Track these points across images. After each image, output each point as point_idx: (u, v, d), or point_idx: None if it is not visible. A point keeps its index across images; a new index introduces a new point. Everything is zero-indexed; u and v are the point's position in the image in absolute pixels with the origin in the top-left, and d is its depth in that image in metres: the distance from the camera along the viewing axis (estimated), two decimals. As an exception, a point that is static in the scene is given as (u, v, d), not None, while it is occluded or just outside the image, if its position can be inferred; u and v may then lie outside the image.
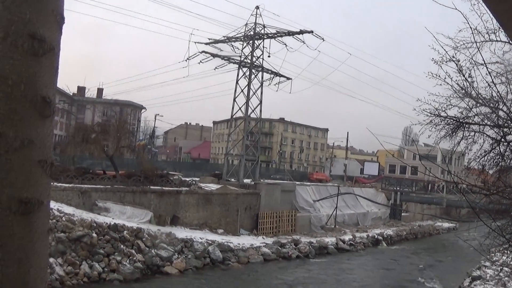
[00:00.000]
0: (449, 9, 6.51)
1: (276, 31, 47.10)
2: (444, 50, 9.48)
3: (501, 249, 12.08)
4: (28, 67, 1.59)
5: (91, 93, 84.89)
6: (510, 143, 9.84)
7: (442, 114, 10.49)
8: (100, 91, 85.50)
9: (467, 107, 10.10)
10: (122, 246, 25.46)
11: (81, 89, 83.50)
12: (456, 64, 9.63)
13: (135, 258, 25.38)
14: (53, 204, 24.94)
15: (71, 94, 78.33)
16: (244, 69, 48.06)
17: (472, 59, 9.46)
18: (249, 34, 47.67)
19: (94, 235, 24.71)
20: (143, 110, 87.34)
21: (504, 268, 17.54)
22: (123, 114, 68.26)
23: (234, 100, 48.06)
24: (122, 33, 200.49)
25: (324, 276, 30.19)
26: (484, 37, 9.15)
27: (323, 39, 46.78)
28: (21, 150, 1.57)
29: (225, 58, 48.96)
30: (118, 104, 77.00)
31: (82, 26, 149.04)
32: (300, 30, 46.09)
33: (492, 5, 1.94)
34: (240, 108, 48.32)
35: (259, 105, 47.89)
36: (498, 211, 9.73)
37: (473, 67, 9.54)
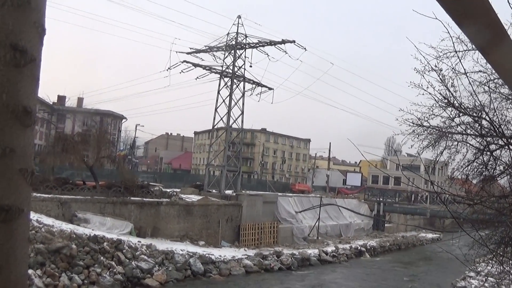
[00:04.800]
0: (430, 18, 6.55)
1: (258, 40, 47.28)
2: (426, 60, 9.58)
3: (485, 259, 12.19)
4: (10, 77, 1.61)
5: (71, 102, 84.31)
6: (493, 153, 9.94)
7: (425, 123, 10.58)
8: (80, 100, 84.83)
9: (450, 116, 10.17)
10: (102, 257, 25.18)
11: (61, 98, 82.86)
12: (438, 74, 9.73)
13: (115, 270, 25.10)
14: (32, 215, 24.45)
15: (51, 103, 77.64)
16: (226, 79, 48.12)
17: (455, 68, 9.56)
18: (230, 43, 47.76)
19: (74, 246, 24.40)
20: (123, 120, 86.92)
21: (488, 278, 17.65)
22: (104, 124, 67.66)
23: (216, 110, 48.03)
24: (102, 42, 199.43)
25: (307, 288, 30.14)
26: (466, 45, 9.24)
27: (305, 48, 47.10)
28: (3, 158, 1.58)
29: (207, 68, 48.97)
30: (98, 113, 76.32)
31: (62, 34, 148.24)
32: (282, 39, 46.31)
33: (445, 3, 1.95)
34: (221, 119, 48.30)
35: (241, 116, 47.92)
36: (482, 221, 9.79)
37: (455, 76, 9.64)
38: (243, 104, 47.88)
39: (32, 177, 1.69)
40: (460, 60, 8.93)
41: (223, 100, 47.73)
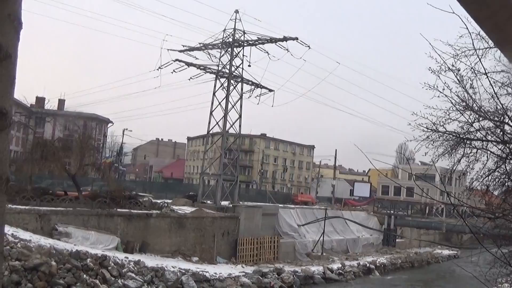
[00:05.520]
0: (447, 13, 6.50)
1: (257, 37, 47.26)
2: (442, 59, 9.53)
3: (508, 279, 12.05)
4: (-17, 75, 1.57)
5: (51, 104, 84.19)
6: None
7: (441, 129, 10.50)
8: (61, 102, 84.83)
9: (468, 121, 10.11)
10: (84, 275, 25.04)
11: (40, 100, 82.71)
12: (456, 74, 9.68)
13: (99, 289, 24.98)
14: (7, 229, 24.51)
15: (29, 106, 77.59)
16: (222, 80, 48.09)
17: (474, 68, 9.50)
18: (227, 41, 47.76)
19: (53, 263, 24.27)
20: (109, 124, 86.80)
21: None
22: (87, 128, 67.58)
23: (211, 113, 48.02)
24: (84, 38, 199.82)
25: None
26: (487, 43, 9.16)
27: (309, 46, 47.06)
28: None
29: (201, 67, 48.95)
30: (81, 117, 76.34)
31: (39, 29, 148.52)
32: (284, 36, 46.31)
33: (473, 12, 1.91)
34: (217, 123, 48.28)
35: (238, 120, 47.90)
36: (504, 236, 9.73)
37: (475, 76, 9.58)
38: (241, 107, 47.90)
39: (7, 185, 1.64)
40: (480, 59, 8.88)
41: (219, 103, 47.72)
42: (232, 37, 47.60)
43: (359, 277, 41.71)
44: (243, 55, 48.04)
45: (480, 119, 9.87)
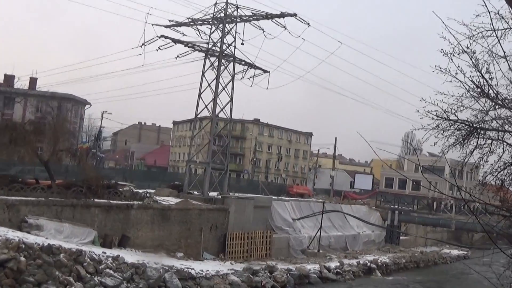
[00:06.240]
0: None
1: (252, 13, 47.03)
2: (456, 39, 9.43)
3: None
4: None
5: (22, 83, 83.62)
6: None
7: (452, 117, 10.42)
8: (33, 81, 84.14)
9: (483, 109, 10.04)
10: (57, 272, 24.90)
11: (9, 78, 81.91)
12: (471, 57, 9.58)
13: (73, 287, 24.89)
14: (-29, 220, 24.43)
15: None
16: (212, 59, 47.83)
17: (491, 50, 9.41)
18: (218, 16, 47.50)
19: (22, 259, 24.12)
20: (87, 106, 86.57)
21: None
22: (62, 110, 67.35)
23: (199, 96, 47.80)
24: (60, 10, 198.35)
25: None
26: (507, 23, 9.08)
27: (308, 24, 46.88)
28: None
29: (189, 45, 48.68)
30: (56, 97, 75.85)
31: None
32: (281, 12, 46.08)
33: None
34: (206, 106, 48.05)
35: (230, 103, 47.73)
36: (521, 236, 9.68)
37: (492, 60, 9.48)
38: (232, 89, 47.72)
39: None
40: (499, 40, 8.80)
41: (209, 84, 47.49)
42: (224, 12, 47.32)
43: (359, 277, 41.76)
44: (235, 32, 47.86)
45: (497, 107, 9.81)
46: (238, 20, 47.59)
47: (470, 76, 9.66)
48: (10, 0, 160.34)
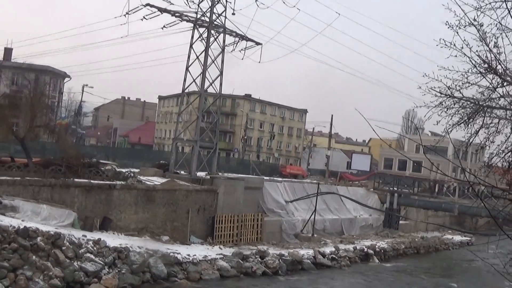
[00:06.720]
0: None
1: (244, -20, 46.72)
2: (463, 10, 9.37)
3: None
4: None
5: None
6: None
7: (457, 94, 10.43)
8: (8, 51, 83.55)
9: (490, 86, 10.02)
10: (34, 257, 24.90)
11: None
12: (478, 30, 9.54)
13: (51, 273, 24.84)
14: None
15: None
16: (201, 30, 47.51)
17: (500, 23, 9.35)
18: (208, -17, 47.16)
19: (-4, 242, 24.16)
20: (66, 79, 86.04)
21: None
22: (40, 83, 66.76)
23: (187, 69, 47.55)
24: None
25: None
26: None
27: (304, -8, 46.60)
28: None
29: (177, 15, 48.24)
30: (33, 69, 75.21)
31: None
32: (275, -21, 45.81)
33: None
34: (194, 80, 47.85)
35: (219, 77, 47.50)
36: (528, 222, 9.72)
37: (500, 33, 9.44)
38: (222, 62, 47.46)
39: None
40: (509, 12, 8.73)
41: (197, 57, 47.23)
42: (213, -22, 46.98)
43: (355, 264, 41.91)
44: (226, 1, 47.52)
45: (505, 84, 9.79)
46: (229, -13, 47.24)
47: (476, 50, 9.64)
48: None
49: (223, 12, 47.26)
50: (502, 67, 9.60)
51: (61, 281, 24.96)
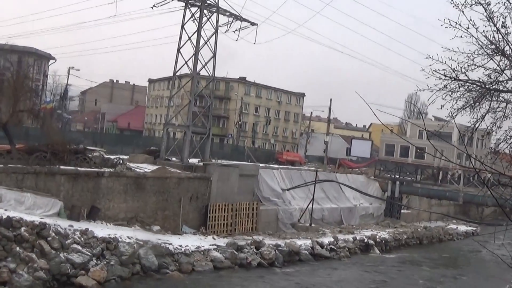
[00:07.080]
0: None
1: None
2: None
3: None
4: None
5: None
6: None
7: (462, 77, 10.39)
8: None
9: (498, 68, 9.98)
10: (18, 248, 24.88)
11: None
12: (485, 9, 9.49)
13: (36, 265, 24.83)
14: None
15: None
16: (193, 9, 47.36)
17: (509, 1, 9.32)
18: (201, -41, 46.96)
19: (-22, 233, 24.15)
20: (51, 61, 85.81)
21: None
22: (23, 65, 66.65)
23: (178, 51, 47.43)
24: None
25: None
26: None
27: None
28: None
29: (167, -8, 48.17)
30: (15, 51, 75.09)
31: None
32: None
33: None
34: (186, 63, 47.74)
35: (212, 59, 47.40)
36: (537, 211, 9.71)
37: (509, 13, 9.40)
38: (215, 43, 47.34)
39: None
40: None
41: (189, 38, 47.09)
42: (206, -46, 46.78)
43: (355, 255, 41.98)
44: (219, -21, 47.37)
45: (513, 66, 9.75)
46: (222, -36, 47.07)
47: (483, 31, 9.59)
48: None
49: (216, -10, 47.15)
50: (510, 48, 9.57)
51: (47, 273, 24.96)
